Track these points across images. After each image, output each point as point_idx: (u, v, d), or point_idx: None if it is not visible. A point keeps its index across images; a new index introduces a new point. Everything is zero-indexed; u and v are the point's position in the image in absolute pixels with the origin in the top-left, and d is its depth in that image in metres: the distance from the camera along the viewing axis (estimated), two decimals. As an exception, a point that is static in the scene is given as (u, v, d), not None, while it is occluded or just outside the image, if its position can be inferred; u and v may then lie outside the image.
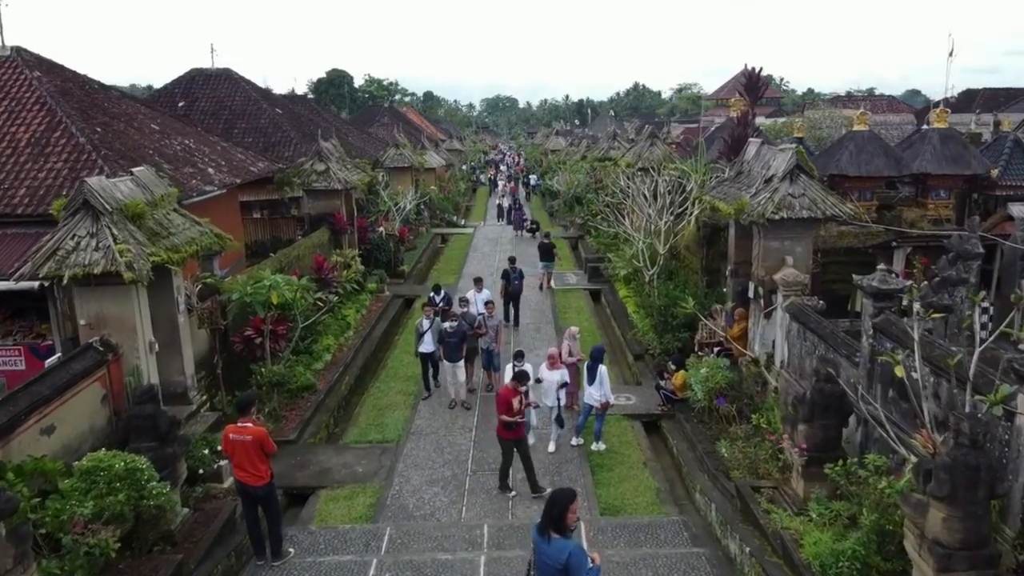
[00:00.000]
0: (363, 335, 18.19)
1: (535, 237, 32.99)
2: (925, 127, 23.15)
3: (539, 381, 11.41)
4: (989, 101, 48.33)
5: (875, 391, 9.55)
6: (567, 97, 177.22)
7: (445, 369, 14.08)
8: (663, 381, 13.72)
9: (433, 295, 16.92)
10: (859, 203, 16.42)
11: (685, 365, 13.46)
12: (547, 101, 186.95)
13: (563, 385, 11.68)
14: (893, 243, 14.88)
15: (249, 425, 8.46)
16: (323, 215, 21.61)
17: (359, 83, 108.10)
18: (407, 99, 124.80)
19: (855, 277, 10.55)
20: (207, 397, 12.90)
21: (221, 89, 27.57)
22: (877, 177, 17.81)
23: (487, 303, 15.30)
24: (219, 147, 19.05)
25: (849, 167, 17.55)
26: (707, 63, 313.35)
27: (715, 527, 10.02)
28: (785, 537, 8.35)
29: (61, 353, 12.17)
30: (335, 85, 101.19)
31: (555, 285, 24.00)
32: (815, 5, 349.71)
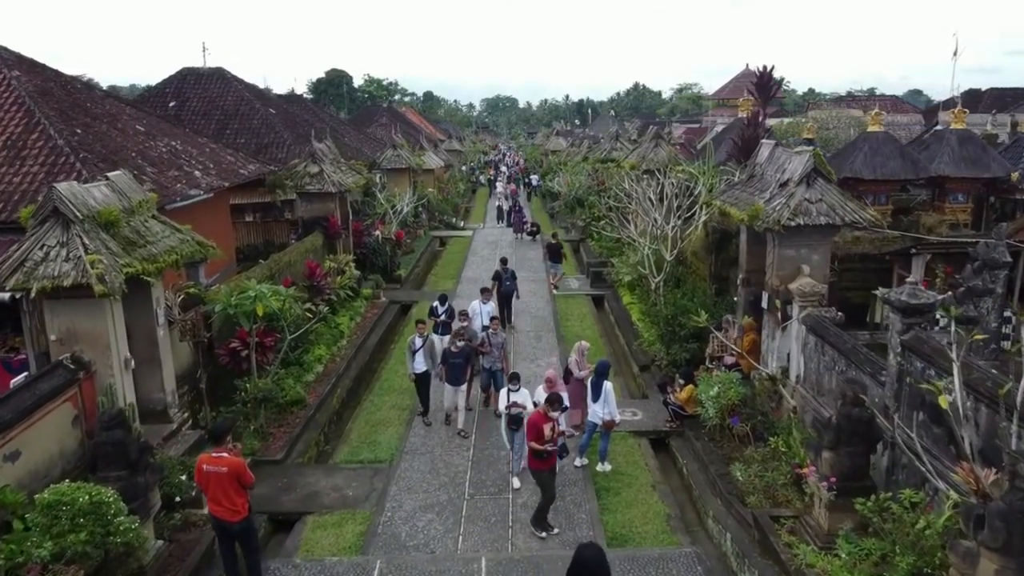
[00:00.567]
0: (357, 344, 17.47)
1: (535, 240, 32.33)
2: (939, 127, 22.46)
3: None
4: (996, 101, 47.59)
5: (903, 413, 8.85)
6: (567, 97, 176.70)
7: (446, 393, 12.83)
8: (670, 395, 13.01)
9: (436, 305, 15.80)
10: (874, 207, 15.71)
11: (694, 378, 12.77)
12: (547, 101, 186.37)
13: (563, 409, 10.83)
14: (912, 250, 14.15)
15: (225, 455, 7.76)
16: (317, 219, 20.93)
17: (358, 83, 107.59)
18: (407, 99, 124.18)
19: (881, 291, 9.85)
20: (189, 415, 12.21)
21: (213, 89, 26.85)
22: (893, 180, 17.09)
23: (492, 318, 14.10)
24: (208, 149, 18.34)
25: (864, 169, 16.81)
26: (707, 63, 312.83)
27: (731, 559, 9.32)
28: (810, 577, 7.66)
29: (35, 368, 11.45)
30: (334, 85, 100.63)
31: (556, 291, 23.29)
32: (815, 5, 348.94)
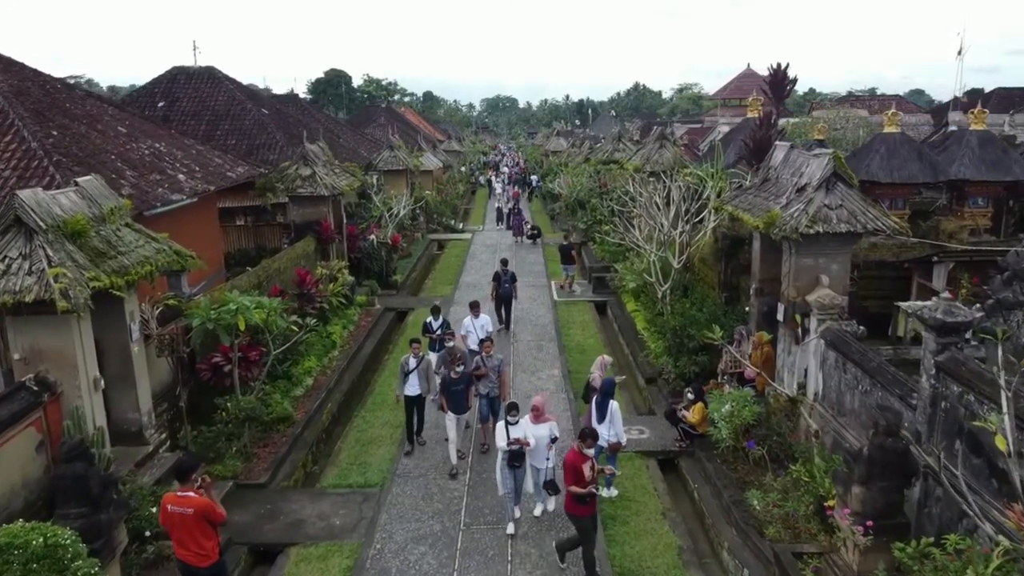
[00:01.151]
0: (350, 355, 16.72)
1: (536, 244, 31.55)
2: (953, 128, 21.74)
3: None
4: (1003, 101, 46.81)
5: (936, 441, 8.10)
6: (567, 97, 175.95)
7: (448, 425, 11.48)
8: (680, 409, 12.24)
9: (430, 320, 14.55)
10: (891, 212, 14.96)
11: (704, 395, 12.01)
12: (547, 101, 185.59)
13: (553, 440, 9.71)
14: (934, 258, 13.39)
15: (191, 494, 7.00)
16: (309, 223, 20.17)
17: (358, 83, 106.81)
18: (406, 99, 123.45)
19: (907, 304, 9.09)
20: (167, 435, 11.47)
21: (204, 89, 26.05)
22: (911, 184, 16.31)
23: (482, 341, 12.73)
24: (194, 151, 17.57)
25: (880, 172, 16.02)
26: (707, 63, 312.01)
27: (749, 599, 8.58)
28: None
29: (2, 388, 10.69)
30: (333, 85, 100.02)
31: (558, 297, 22.57)
32: (815, 5, 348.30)
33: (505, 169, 66.37)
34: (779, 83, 18.99)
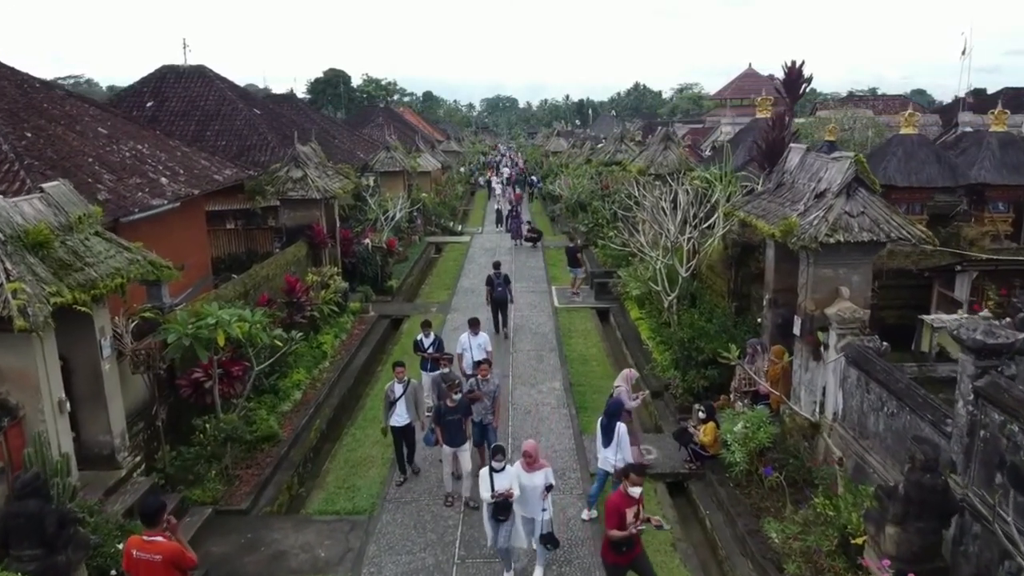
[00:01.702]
0: (341, 366, 16.00)
1: (536, 247, 30.83)
2: (968, 129, 21.03)
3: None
4: (1011, 101, 46.01)
5: (974, 473, 7.39)
6: (567, 97, 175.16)
7: (444, 457, 10.64)
8: (690, 427, 11.53)
9: (421, 337, 13.29)
10: (908, 217, 14.25)
11: (715, 414, 11.30)
12: (547, 101, 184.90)
13: (548, 488, 8.50)
14: (957, 267, 12.68)
15: (159, 539, 6.28)
16: (301, 227, 19.47)
17: (357, 83, 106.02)
18: (406, 99, 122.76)
19: (939, 320, 8.40)
20: (143, 457, 10.75)
21: (194, 88, 25.29)
22: (929, 188, 15.59)
23: (479, 363, 11.70)
24: (179, 153, 16.84)
25: (897, 176, 15.30)
26: (707, 63, 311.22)
27: (769, 644, 7.86)
28: None
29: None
30: (332, 85, 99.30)
31: (558, 303, 21.86)
32: (815, 5, 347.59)
33: (505, 170, 65.45)
34: (793, 82, 18.19)
